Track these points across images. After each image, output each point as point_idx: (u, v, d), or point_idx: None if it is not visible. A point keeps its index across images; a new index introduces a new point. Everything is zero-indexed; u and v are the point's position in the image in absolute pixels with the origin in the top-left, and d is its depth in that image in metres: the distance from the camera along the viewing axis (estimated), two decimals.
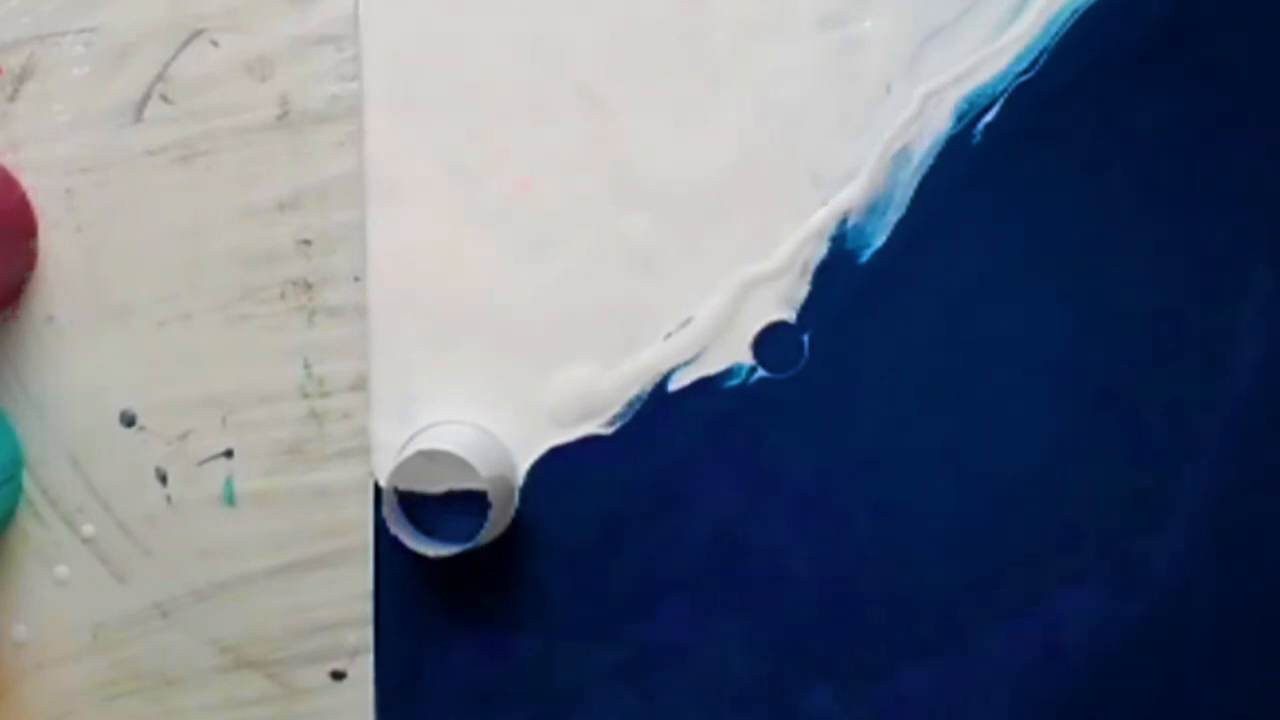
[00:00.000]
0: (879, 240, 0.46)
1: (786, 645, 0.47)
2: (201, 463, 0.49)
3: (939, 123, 0.45)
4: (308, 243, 0.48)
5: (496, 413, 0.48)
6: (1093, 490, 0.45)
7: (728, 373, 0.47)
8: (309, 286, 0.48)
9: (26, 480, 0.50)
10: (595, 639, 0.48)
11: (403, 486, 0.48)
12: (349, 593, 0.49)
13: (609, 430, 0.47)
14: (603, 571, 0.48)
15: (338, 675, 0.49)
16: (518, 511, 0.48)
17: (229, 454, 0.49)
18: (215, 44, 0.48)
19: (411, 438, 0.48)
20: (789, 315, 0.46)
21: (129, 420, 0.49)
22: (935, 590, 0.46)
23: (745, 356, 0.47)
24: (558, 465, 0.47)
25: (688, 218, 0.46)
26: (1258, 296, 0.45)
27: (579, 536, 0.48)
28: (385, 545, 0.48)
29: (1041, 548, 0.46)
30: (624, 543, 0.47)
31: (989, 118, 0.45)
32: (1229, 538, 0.45)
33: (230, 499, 0.49)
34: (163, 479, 0.49)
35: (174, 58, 0.48)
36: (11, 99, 0.49)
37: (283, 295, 0.48)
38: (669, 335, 0.47)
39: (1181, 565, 0.45)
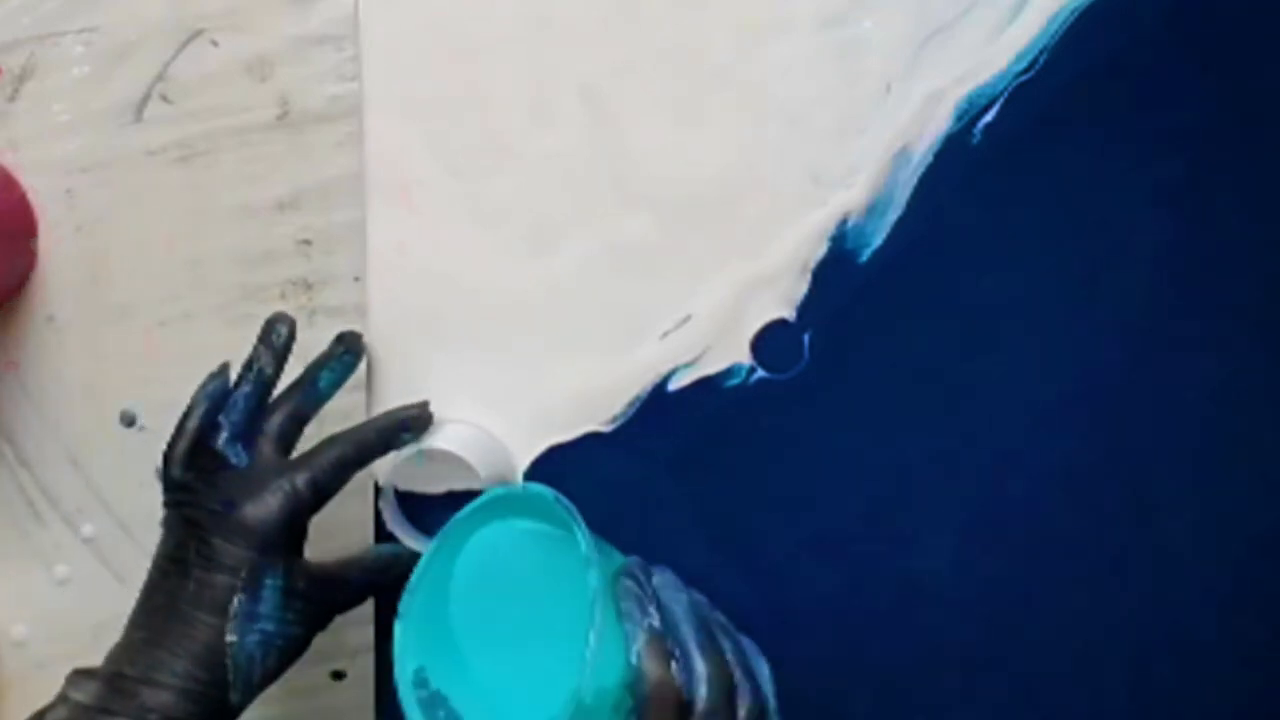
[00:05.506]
0: (879, 240, 0.46)
1: (785, 644, 0.47)
2: None
3: (939, 123, 0.45)
4: (308, 243, 0.48)
5: (496, 412, 0.48)
6: (1091, 486, 0.45)
7: (728, 373, 0.47)
8: (309, 286, 0.48)
9: (26, 480, 0.50)
10: None
11: (403, 486, 0.48)
12: None
13: (609, 428, 0.47)
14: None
15: (338, 675, 0.49)
16: None
17: None
18: (215, 44, 0.48)
19: None
20: (789, 314, 0.46)
21: (129, 420, 0.49)
22: (933, 586, 0.46)
23: (745, 356, 0.47)
24: (558, 464, 0.47)
25: (688, 218, 0.46)
26: (1258, 293, 0.45)
27: None
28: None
29: (1039, 543, 0.46)
30: (623, 542, 0.47)
31: (988, 118, 0.45)
32: (1230, 536, 0.45)
33: None
34: None
35: (174, 58, 0.48)
36: (11, 99, 0.49)
37: (283, 295, 0.48)
38: (667, 334, 0.47)
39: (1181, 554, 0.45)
